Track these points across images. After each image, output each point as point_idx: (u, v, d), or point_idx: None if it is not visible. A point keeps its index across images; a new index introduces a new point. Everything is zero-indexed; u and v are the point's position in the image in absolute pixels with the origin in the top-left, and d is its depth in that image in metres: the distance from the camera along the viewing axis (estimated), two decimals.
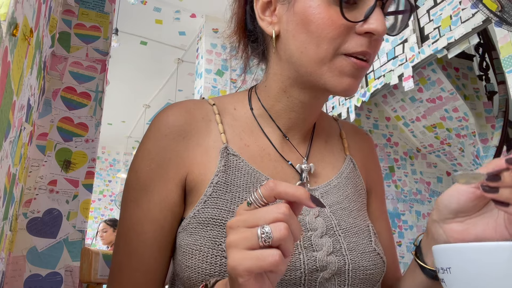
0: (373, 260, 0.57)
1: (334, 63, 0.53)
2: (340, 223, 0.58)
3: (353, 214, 0.61)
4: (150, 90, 5.04)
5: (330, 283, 0.53)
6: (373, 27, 0.50)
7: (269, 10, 0.58)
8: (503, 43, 1.81)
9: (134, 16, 3.54)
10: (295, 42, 0.55)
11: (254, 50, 0.65)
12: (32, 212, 1.02)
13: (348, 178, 0.65)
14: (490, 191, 0.44)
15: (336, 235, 0.56)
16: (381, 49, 2.83)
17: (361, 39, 0.52)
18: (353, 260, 0.55)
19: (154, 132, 0.59)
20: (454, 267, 0.40)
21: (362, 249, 0.57)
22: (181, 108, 0.60)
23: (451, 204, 0.49)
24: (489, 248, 0.38)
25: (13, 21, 0.46)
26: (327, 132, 0.69)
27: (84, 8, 1.24)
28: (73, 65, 1.18)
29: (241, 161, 0.58)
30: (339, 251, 0.55)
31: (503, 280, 0.37)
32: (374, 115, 3.81)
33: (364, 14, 0.51)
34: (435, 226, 0.52)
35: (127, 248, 0.56)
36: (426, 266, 0.54)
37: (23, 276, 0.97)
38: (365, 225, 0.61)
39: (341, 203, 0.61)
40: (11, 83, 0.50)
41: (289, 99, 0.60)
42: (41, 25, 0.72)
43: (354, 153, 0.70)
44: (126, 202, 0.58)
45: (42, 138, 1.09)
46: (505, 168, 0.43)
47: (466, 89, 3.19)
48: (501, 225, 0.47)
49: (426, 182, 3.83)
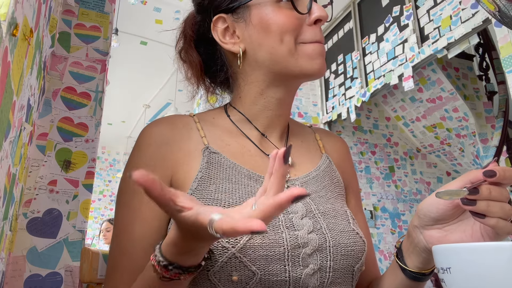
0: (352, 238, 0.61)
1: (300, 51, 0.62)
2: (319, 207, 0.62)
3: (331, 201, 0.65)
4: (150, 90, 5.04)
5: (313, 258, 0.56)
6: (318, 15, 0.62)
7: (228, 33, 0.65)
8: (503, 43, 1.81)
9: (134, 16, 3.54)
10: (262, 48, 0.62)
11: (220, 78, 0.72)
12: (32, 212, 1.02)
13: (325, 172, 0.69)
14: (468, 203, 0.47)
15: (316, 217, 0.60)
16: (381, 49, 2.83)
17: (313, 28, 0.63)
18: (333, 238, 0.59)
19: (140, 143, 0.64)
20: (454, 267, 0.40)
21: (341, 229, 0.61)
22: (163, 120, 0.67)
23: (430, 213, 0.53)
24: (489, 248, 0.38)
25: (13, 21, 0.46)
26: (302, 135, 0.75)
27: (84, 8, 1.24)
28: (73, 65, 1.18)
29: (222, 158, 0.62)
30: (319, 230, 0.58)
31: (503, 280, 0.37)
32: (374, 115, 3.81)
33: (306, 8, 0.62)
34: (415, 231, 0.56)
35: (119, 248, 0.59)
36: (406, 268, 0.58)
37: (23, 276, 0.97)
38: (343, 210, 0.65)
39: (319, 192, 0.65)
40: (11, 83, 0.50)
41: (266, 99, 0.66)
42: (41, 25, 0.72)
43: (330, 153, 0.75)
44: (119, 206, 0.62)
45: (42, 138, 1.09)
46: (483, 181, 0.47)
47: (466, 89, 3.19)
48: (477, 232, 0.50)
49: (426, 182, 3.83)
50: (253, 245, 0.53)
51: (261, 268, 0.53)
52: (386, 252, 3.36)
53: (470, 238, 0.51)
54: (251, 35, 0.63)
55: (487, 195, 0.46)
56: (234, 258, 0.52)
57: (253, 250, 0.53)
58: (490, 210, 0.46)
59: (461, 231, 0.52)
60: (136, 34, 3.86)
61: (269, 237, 0.54)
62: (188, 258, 0.45)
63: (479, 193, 0.46)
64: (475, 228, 0.51)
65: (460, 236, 0.51)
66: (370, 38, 2.98)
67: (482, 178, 0.47)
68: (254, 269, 0.52)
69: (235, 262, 0.52)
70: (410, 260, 0.58)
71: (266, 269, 0.53)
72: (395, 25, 2.72)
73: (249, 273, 0.52)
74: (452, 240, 0.52)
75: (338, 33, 3.42)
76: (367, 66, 2.99)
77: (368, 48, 3.00)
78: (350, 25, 3.25)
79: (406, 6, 2.62)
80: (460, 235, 0.51)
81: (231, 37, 0.65)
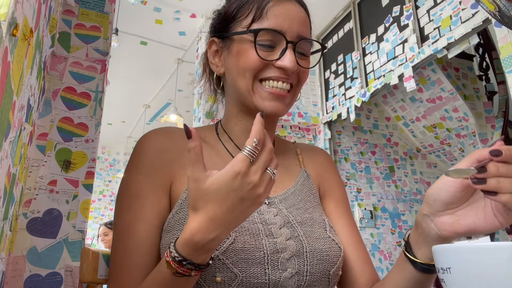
0: (328, 244, 0.65)
1: (256, 91, 0.67)
2: (297, 218, 0.66)
3: (309, 211, 0.70)
4: (150, 90, 5.04)
5: (291, 263, 0.60)
6: (282, 64, 0.65)
7: (217, 56, 0.74)
8: (503, 43, 1.81)
9: (134, 16, 3.54)
10: (232, 76, 0.69)
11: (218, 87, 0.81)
12: (32, 212, 1.02)
13: (303, 185, 0.75)
14: (479, 182, 0.47)
15: (294, 227, 0.65)
16: (381, 49, 2.83)
17: (277, 70, 0.66)
18: (310, 244, 0.63)
19: (139, 150, 0.68)
20: (454, 267, 0.40)
21: (317, 236, 0.65)
22: (162, 130, 0.72)
23: (440, 197, 0.52)
24: (489, 248, 0.38)
25: (13, 21, 0.46)
26: (283, 153, 0.80)
27: (84, 8, 1.24)
28: (73, 65, 1.18)
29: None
30: (297, 238, 0.63)
31: (503, 280, 0.37)
32: (374, 115, 3.81)
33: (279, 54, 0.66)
34: (425, 220, 0.55)
35: (123, 248, 0.61)
36: (417, 260, 0.57)
37: (23, 276, 0.97)
38: (320, 219, 0.69)
39: (297, 205, 0.70)
40: (11, 83, 0.50)
41: (242, 122, 0.73)
42: (41, 25, 0.72)
43: (309, 165, 0.80)
44: (120, 209, 0.64)
45: (42, 138, 1.09)
46: (489, 160, 0.47)
47: (466, 89, 3.19)
48: (490, 214, 0.50)
49: (426, 182, 3.83)
50: (235, 249, 0.57)
51: (243, 271, 0.57)
52: (386, 252, 3.36)
53: (483, 221, 0.50)
54: (229, 62, 0.70)
55: (495, 172, 0.46)
56: (218, 260, 0.56)
57: (235, 253, 0.57)
58: (501, 186, 0.46)
59: (473, 215, 0.51)
60: (136, 34, 3.86)
61: (250, 242, 0.59)
62: (200, 255, 0.49)
63: (487, 171, 0.46)
64: (487, 209, 0.50)
65: (473, 220, 0.51)
66: (370, 38, 2.98)
67: (488, 157, 0.47)
68: (236, 271, 0.56)
69: (218, 264, 0.56)
70: (420, 252, 0.57)
71: (247, 272, 0.57)
72: (395, 25, 2.72)
73: (231, 275, 0.56)
74: (465, 224, 0.51)
75: (338, 33, 3.42)
76: (367, 66, 2.99)
77: (368, 48, 3.00)
78: (350, 25, 3.25)
79: (406, 6, 2.62)
80: (472, 219, 0.51)
81: (219, 59, 0.74)
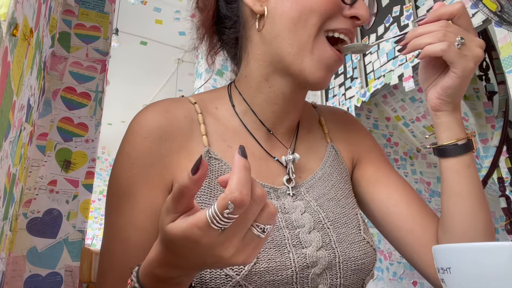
0: (363, 250, 0.57)
1: (317, 47, 0.54)
2: (328, 215, 0.58)
3: (341, 203, 0.61)
4: (150, 90, 5.04)
5: (322, 278, 0.53)
6: (359, 12, 0.55)
7: None
8: (503, 43, 1.80)
9: (134, 16, 3.54)
10: (283, 20, 0.54)
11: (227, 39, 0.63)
12: (32, 212, 1.02)
13: (332, 167, 0.64)
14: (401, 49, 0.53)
15: (325, 228, 0.56)
16: (381, 49, 2.83)
17: (346, 20, 0.55)
18: (343, 252, 0.55)
19: (133, 134, 0.56)
20: (454, 267, 0.40)
21: (351, 239, 0.57)
22: (161, 108, 0.58)
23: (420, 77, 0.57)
24: (489, 248, 0.38)
25: (13, 21, 0.46)
26: (309, 122, 0.69)
27: (84, 8, 1.24)
28: (73, 65, 1.18)
29: (223, 165, 0.57)
30: (329, 245, 0.54)
31: (503, 280, 0.37)
32: (374, 115, 3.81)
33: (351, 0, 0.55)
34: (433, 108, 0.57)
35: (110, 257, 0.53)
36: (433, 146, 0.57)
37: (23, 276, 0.97)
38: (353, 214, 0.61)
39: (327, 194, 0.61)
40: (11, 83, 0.50)
41: (270, 89, 0.59)
42: (41, 25, 0.72)
43: (335, 135, 0.69)
44: (109, 209, 0.55)
45: (42, 138, 1.09)
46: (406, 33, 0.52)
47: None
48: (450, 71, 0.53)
49: (426, 182, 3.82)
50: (259, 271, 0.49)
51: None
52: (386, 252, 3.36)
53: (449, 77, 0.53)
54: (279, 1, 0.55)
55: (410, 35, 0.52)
56: (239, 287, 0.48)
57: (259, 276, 0.49)
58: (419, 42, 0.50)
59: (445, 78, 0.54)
60: (136, 34, 3.86)
61: (275, 259, 0.50)
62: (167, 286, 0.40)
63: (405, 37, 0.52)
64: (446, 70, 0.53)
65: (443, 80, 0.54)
66: (370, 38, 2.98)
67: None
68: None
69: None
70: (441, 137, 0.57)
71: None
72: (395, 25, 2.72)
73: None
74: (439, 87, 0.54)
75: None
76: (367, 66, 2.99)
77: None
78: None
79: (406, 6, 2.62)
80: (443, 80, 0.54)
81: None
